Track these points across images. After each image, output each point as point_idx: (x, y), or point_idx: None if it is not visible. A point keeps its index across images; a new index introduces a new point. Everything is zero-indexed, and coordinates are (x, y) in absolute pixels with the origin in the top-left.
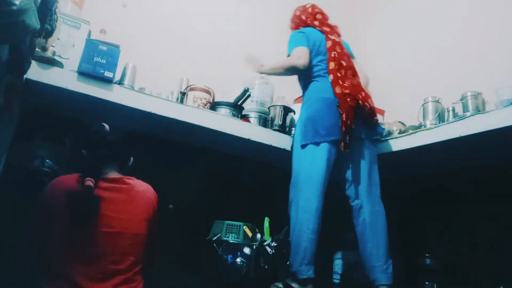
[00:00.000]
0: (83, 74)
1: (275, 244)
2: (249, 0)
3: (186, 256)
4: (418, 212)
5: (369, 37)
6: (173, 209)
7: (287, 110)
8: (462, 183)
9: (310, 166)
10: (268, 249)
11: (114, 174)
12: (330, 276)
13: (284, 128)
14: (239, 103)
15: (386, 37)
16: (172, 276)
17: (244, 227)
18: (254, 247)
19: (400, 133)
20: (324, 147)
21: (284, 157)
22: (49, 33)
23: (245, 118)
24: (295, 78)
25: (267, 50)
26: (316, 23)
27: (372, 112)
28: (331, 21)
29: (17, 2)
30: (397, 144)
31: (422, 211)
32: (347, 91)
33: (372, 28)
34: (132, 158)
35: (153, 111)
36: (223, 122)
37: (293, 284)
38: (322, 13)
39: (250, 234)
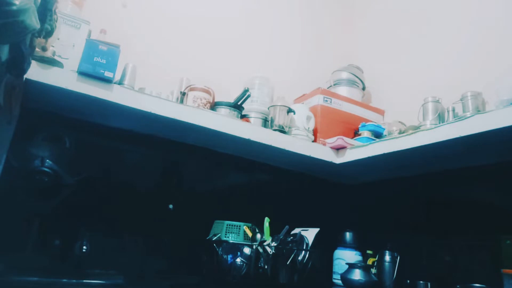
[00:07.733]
0: (83, 74)
1: (275, 244)
2: (249, 1)
3: (186, 256)
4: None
5: (369, 37)
6: (173, 209)
7: (287, 110)
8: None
9: None
10: (268, 249)
11: None
12: (330, 276)
13: (284, 128)
14: (239, 103)
15: (386, 37)
16: (172, 276)
17: (244, 227)
18: (254, 247)
19: (400, 133)
20: None
21: (284, 157)
22: (49, 33)
23: (245, 118)
24: (294, 78)
25: (267, 49)
26: None
27: None
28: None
29: (17, 2)
30: (397, 144)
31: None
32: None
33: (372, 27)
34: None
35: (153, 111)
36: (223, 122)
37: None
38: None
39: (250, 234)
